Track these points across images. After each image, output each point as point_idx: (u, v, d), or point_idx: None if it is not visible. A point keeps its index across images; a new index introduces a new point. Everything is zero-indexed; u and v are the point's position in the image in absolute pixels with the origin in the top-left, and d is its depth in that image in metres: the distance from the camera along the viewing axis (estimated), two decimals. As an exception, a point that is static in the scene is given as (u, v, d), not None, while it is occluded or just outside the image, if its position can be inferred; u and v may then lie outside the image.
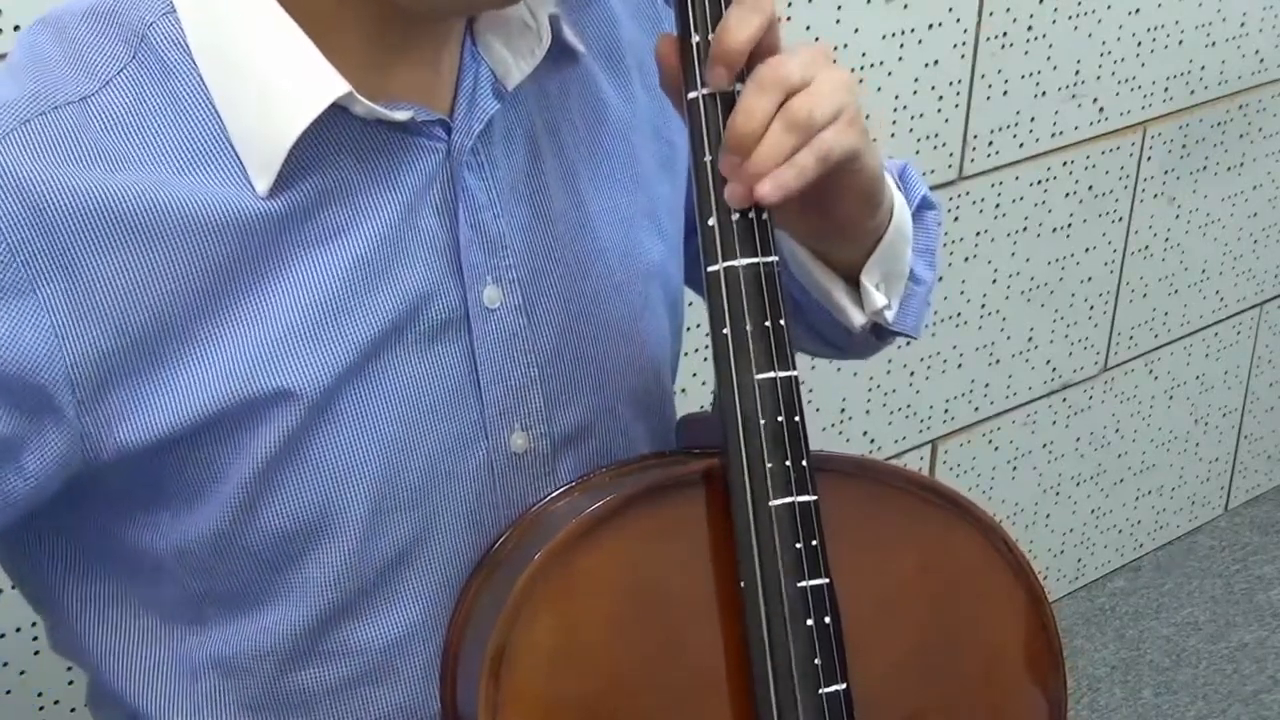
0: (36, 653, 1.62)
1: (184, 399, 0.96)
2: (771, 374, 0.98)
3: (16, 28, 1.45)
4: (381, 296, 1.01)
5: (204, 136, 0.96)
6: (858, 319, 1.15)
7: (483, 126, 1.03)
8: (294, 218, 0.98)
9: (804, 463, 0.99)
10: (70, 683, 1.64)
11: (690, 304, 1.31)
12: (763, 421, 0.98)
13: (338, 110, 0.97)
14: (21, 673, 1.63)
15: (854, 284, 1.14)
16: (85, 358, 0.93)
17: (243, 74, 0.96)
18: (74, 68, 0.95)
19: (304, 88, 0.96)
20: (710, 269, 0.98)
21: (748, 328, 0.98)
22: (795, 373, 0.99)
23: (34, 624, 1.61)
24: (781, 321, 0.98)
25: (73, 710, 1.66)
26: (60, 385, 0.93)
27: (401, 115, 0.99)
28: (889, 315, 1.16)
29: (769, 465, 0.98)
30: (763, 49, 0.97)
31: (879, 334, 1.21)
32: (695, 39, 0.97)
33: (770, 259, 0.98)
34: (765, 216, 0.98)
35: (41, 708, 1.65)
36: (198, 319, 0.96)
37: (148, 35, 0.96)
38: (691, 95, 0.98)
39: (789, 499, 0.98)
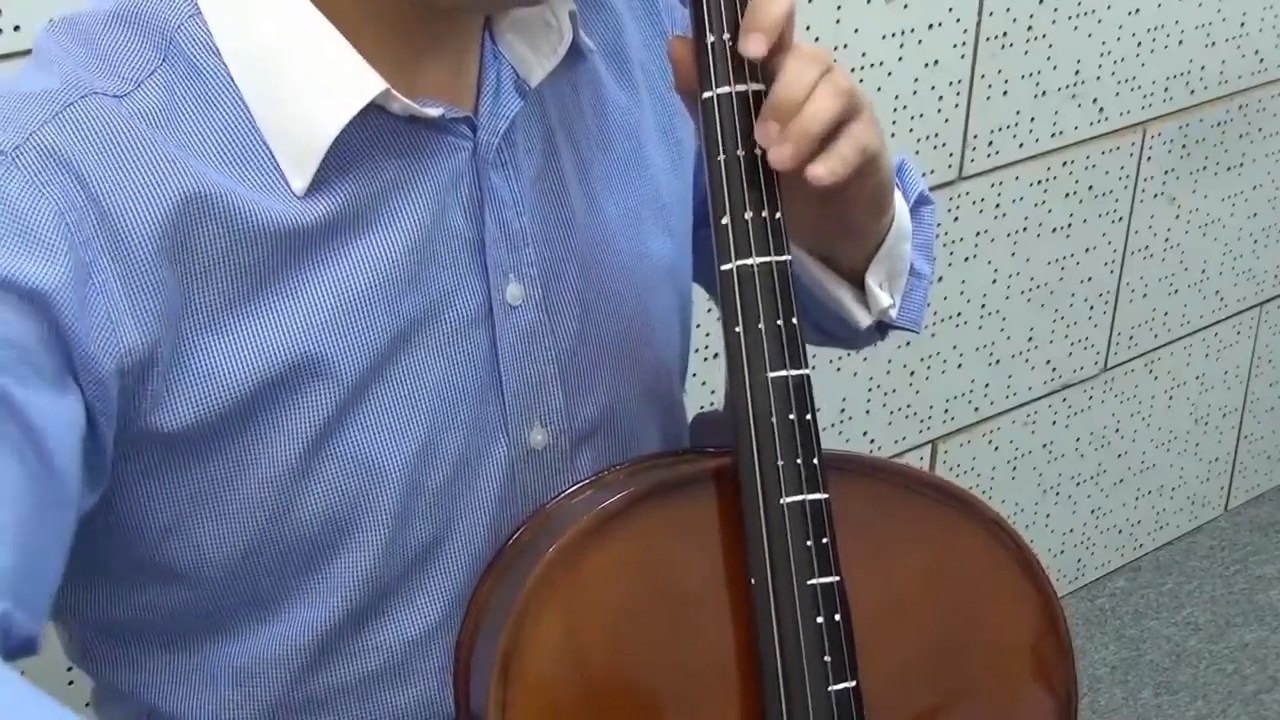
0: (36, 653, 1.61)
1: (216, 385, 0.96)
2: (784, 372, 0.98)
3: (17, 28, 1.45)
4: (409, 294, 1.01)
5: (238, 138, 0.96)
6: (864, 319, 1.16)
7: (507, 125, 1.03)
8: (331, 217, 0.98)
9: (815, 461, 0.99)
10: (70, 683, 1.64)
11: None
12: (774, 420, 0.98)
13: (372, 108, 0.97)
14: (22, 673, 1.62)
15: (858, 284, 1.15)
16: (136, 345, 0.93)
17: (275, 73, 0.96)
18: (103, 70, 0.94)
19: (341, 85, 0.96)
20: (724, 267, 0.98)
21: (761, 326, 0.98)
22: (807, 371, 0.99)
23: (35, 624, 1.60)
24: (794, 320, 0.99)
25: (73, 710, 1.65)
26: (111, 374, 0.92)
27: (434, 112, 0.99)
28: (892, 312, 1.17)
29: (780, 463, 0.98)
30: (782, 42, 0.98)
31: (881, 329, 1.21)
32: (710, 39, 0.98)
33: (784, 258, 0.99)
34: (779, 215, 0.99)
35: (43, 708, 1.64)
36: (234, 306, 0.96)
37: (176, 38, 0.96)
38: (706, 94, 0.98)
39: (800, 497, 0.98)
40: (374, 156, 0.99)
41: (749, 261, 0.98)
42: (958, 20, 2.20)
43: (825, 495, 0.99)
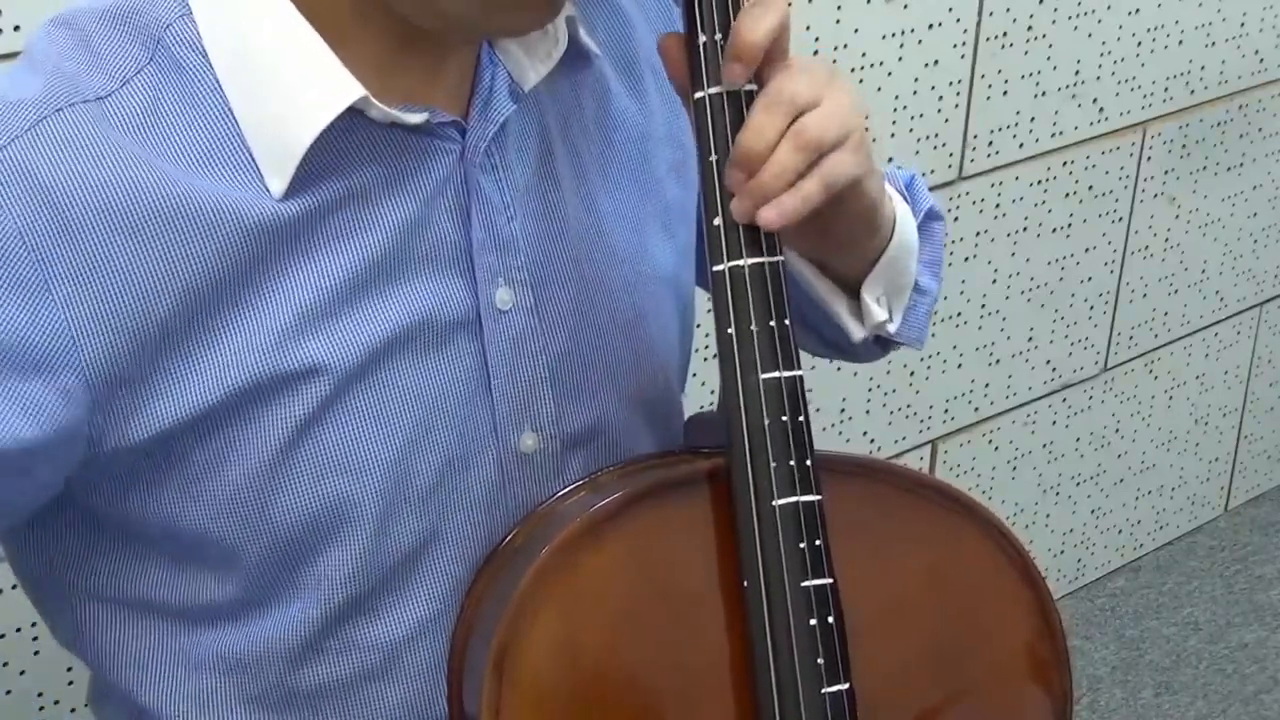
0: (36, 653, 1.62)
1: (194, 392, 0.96)
2: (776, 374, 0.98)
3: (17, 28, 1.45)
4: (395, 297, 1.01)
5: (219, 138, 0.96)
6: (857, 333, 1.16)
7: (497, 129, 1.03)
8: (309, 220, 0.98)
9: (808, 462, 0.99)
10: (70, 683, 1.64)
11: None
12: (767, 421, 0.98)
13: (353, 113, 0.97)
14: (21, 673, 1.62)
15: (855, 296, 1.14)
16: (100, 357, 0.93)
17: (258, 77, 0.96)
18: (92, 68, 0.95)
19: (319, 91, 0.96)
20: (715, 268, 0.98)
21: (753, 327, 0.98)
22: (800, 372, 0.99)
23: (34, 624, 1.61)
24: (786, 321, 0.98)
25: (73, 710, 1.65)
26: (76, 387, 0.93)
27: (416, 118, 0.99)
28: (891, 328, 1.16)
29: (773, 465, 0.98)
30: (774, 51, 0.97)
31: (882, 343, 1.21)
32: (702, 39, 0.97)
33: (775, 259, 0.99)
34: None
35: (41, 708, 1.64)
36: (209, 315, 0.96)
37: (164, 37, 0.96)
38: (698, 94, 0.98)
39: (793, 499, 0.98)
40: (354, 161, 0.99)
41: (740, 262, 0.98)
42: (958, 20, 2.20)
43: (818, 497, 0.99)
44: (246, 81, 0.96)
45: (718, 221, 0.98)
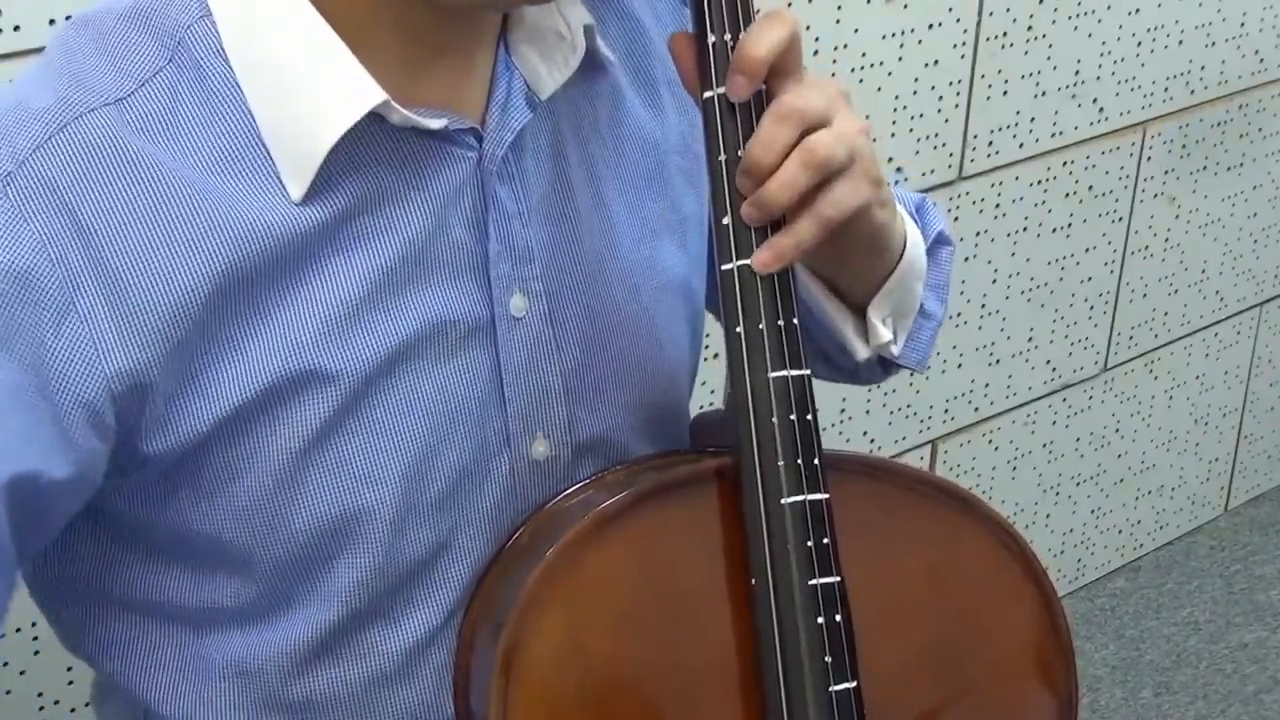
0: (36, 653, 1.62)
1: (212, 401, 0.96)
2: (784, 372, 0.98)
3: (17, 28, 1.45)
4: (409, 304, 1.00)
5: (238, 141, 0.96)
6: (861, 352, 1.16)
7: (514, 136, 1.03)
8: (327, 225, 0.97)
9: (816, 461, 0.99)
10: (70, 683, 1.64)
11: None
12: (775, 420, 0.98)
13: (372, 117, 0.96)
14: (21, 673, 1.62)
15: (861, 315, 1.14)
16: (125, 370, 0.93)
17: (278, 80, 0.95)
18: (110, 69, 0.95)
19: (340, 95, 0.95)
20: (724, 267, 0.98)
21: (761, 326, 0.98)
22: (807, 371, 0.99)
23: (34, 624, 1.60)
24: (794, 320, 0.99)
25: (73, 710, 1.65)
26: (103, 401, 0.93)
27: (436, 123, 0.99)
28: (894, 350, 1.16)
29: (781, 463, 0.98)
30: (785, 64, 0.97)
31: (884, 364, 1.21)
32: (711, 39, 0.97)
33: None
34: (780, 217, 0.98)
35: (41, 708, 1.64)
36: (230, 322, 0.96)
37: (184, 38, 0.96)
38: (707, 94, 0.98)
39: (801, 497, 0.98)
40: (373, 165, 0.99)
41: (749, 261, 0.98)
42: (958, 20, 2.20)
43: (826, 495, 0.99)
44: (266, 84, 0.96)
45: (726, 220, 0.98)
